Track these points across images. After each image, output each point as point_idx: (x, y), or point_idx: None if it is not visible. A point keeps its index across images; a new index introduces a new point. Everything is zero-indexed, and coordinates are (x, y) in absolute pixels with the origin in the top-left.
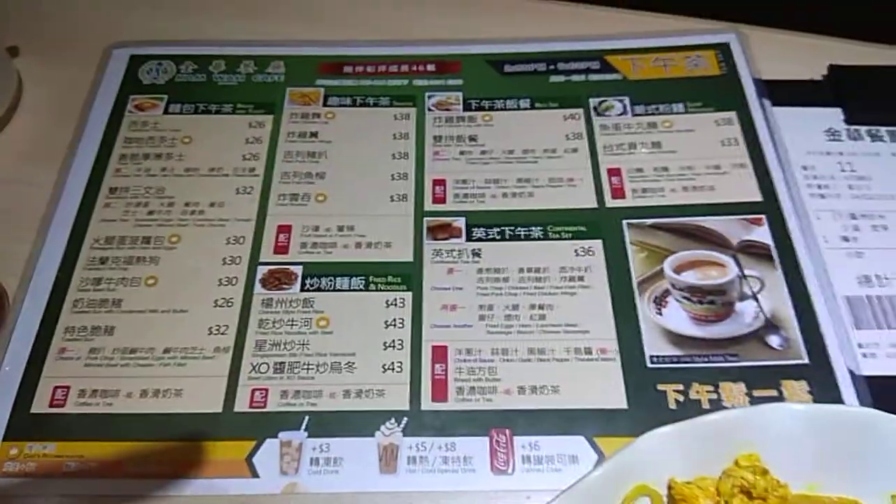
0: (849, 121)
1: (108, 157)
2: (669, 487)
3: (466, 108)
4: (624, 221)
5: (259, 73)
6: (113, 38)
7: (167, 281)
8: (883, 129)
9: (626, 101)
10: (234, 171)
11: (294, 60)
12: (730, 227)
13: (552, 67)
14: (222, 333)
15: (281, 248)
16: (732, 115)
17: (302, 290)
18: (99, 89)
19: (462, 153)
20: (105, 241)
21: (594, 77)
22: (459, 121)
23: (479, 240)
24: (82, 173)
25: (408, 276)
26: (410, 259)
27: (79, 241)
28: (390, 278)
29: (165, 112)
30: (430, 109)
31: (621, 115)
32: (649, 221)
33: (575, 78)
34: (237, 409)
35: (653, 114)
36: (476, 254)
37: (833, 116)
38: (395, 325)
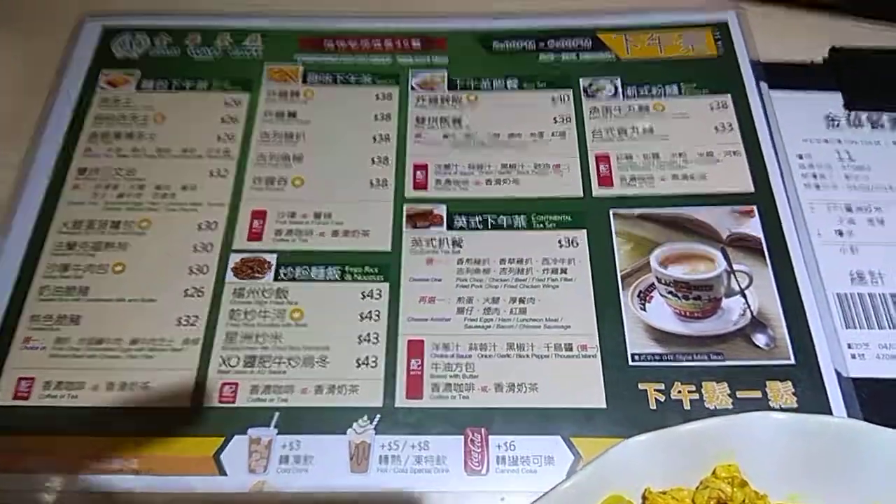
0: (849, 106)
1: (78, 136)
2: (644, 498)
3: (451, 87)
4: (611, 211)
5: (236, 48)
6: (86, 6)
7: (136, 268)
8: (885, 115)
9: (618, 82)
10: (207, 152)
11: (273, 34)
12: (720, 219)
13: (542, 45)
14: (192, 325)
15: (255, 235)
16: (728, 98)
17: (275, 279)
18: (70, 63)
19: (445, 136)
20: (73, 226)
21: (586, 56)
22: (444, 101)
23: (461, 229)
24: (50, 153)
25: (385, 267)
26: (388, 248)
27: (46, 225)
28: (367, 268)
29: (138, 88)
30: (413, 88)
31: (612, 97)
32: (637, 211)
33: (565, 57)
34: (206, 403)
35: (645, 96)
36: (457, 243)
37: (833, 101)
38: (370, 318)
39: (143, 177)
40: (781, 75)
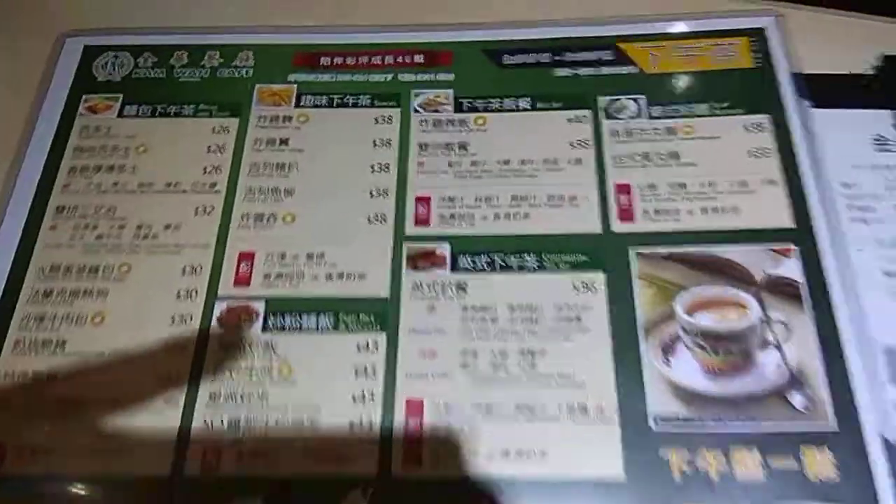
0: None
1: (57, 171)
2: None
3: (458, 108)
4: (631, 250)
5: (225, 67)
6: (67, 23)
7: (116, 319)
8: None
9: (642, 100)
10: (192, 186)
11: (265, 51)
12: (754, 259)
13: (557, 58)
14: (173, 382)
15: (242, 280)
16: (765, 119)
17: (264, 329)
18: (49, 87)
19: (450, 164)
20: (50, 271)
21: (606, 70)
22: (449, 124)
23: (466, 270)
24: (27, 190)
25: (383, 315)
26: (387, 294)
27: (22, 271)
28: (363, 316)
29: (120, 114)
30: (416, 110)
31: (635, 117)
32: (661, 251)
33: (583, 71)
34: (187, 471)
35: (672, 116)
36: (461, 288)
37: (883, 121)
38: (366, 374)
39: (124, 215)
40: (825, 90)
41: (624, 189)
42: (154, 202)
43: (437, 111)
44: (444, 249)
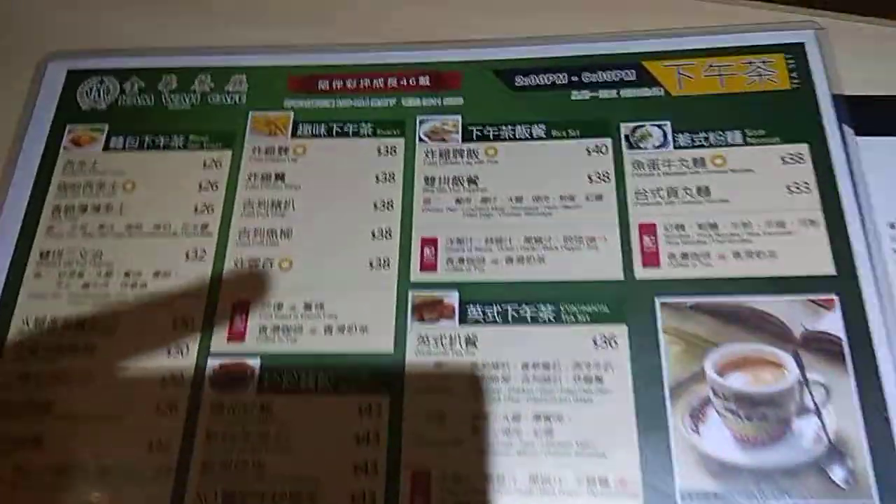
0: None
1: (41, 211)
2: None
3: (466, 137)
4: (657, 299)
5: (216, 93)
6: (49, 44)
7: (103, 378)
8: None
9: (668, 127)
10: (183, 228)
11: (259, 74)
12: (792, 312)
13: (575, 79)
14: (164, 449)
15: (236, 334)
16: (804, 148)
17: (259, 390)
18: (31, 119)
19: (459, 201)
20: (34, 325)
21: (628, 92)
22: (457, 156)
23: (476, 322)
24: (10, 232)
25: (387, 373)
26: (390, 349)
27: (5, 325)
28: (365, 375)
29: (106, 147)
30: (421, 139)
31: (660, 147)
32: (689, 300)
33: (604, 94)
34: None
35: (701, 145)
36: (471, 342)
37: None
38: (368, 442)
39: (111, 261)
40: (870, 115)
41: (649, 229)
42: (143, 246)
43: (444, 140)
44: (453, 298)
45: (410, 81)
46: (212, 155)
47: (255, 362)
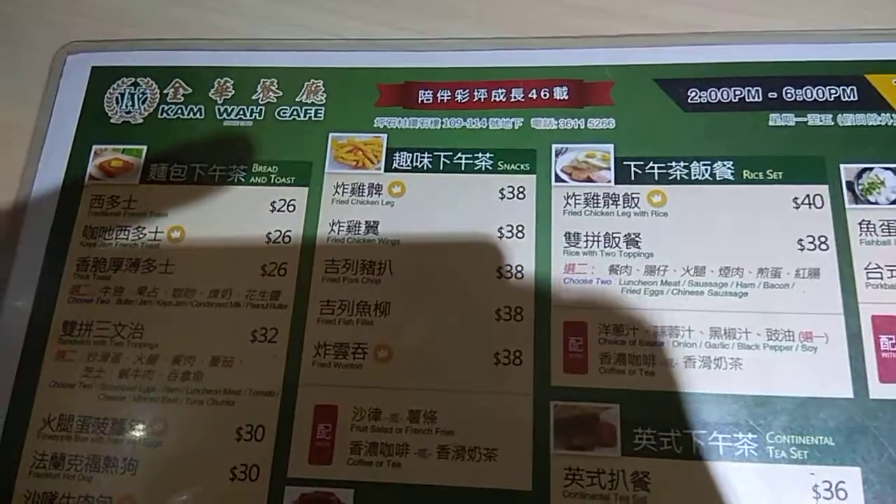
0: None
1: (62, 268)
2: None
3: (621, 176)
4: None
5: (286, 104)
6: (68, 29)
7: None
8: None
9: None
10: (248, 297)
11: (339, 77)
12: None
13: (773, 96)
14: None
15: (320, 454)
16: None
17: None
18: (46, 136)
19: (614, 270)
20: (58, 427)
21: (848, 119)
22: (610, 203)
23: (647, 453)
24: (25, 295)
25: None
26: (528, 486)
27: (22, 425)
28: None
29: (144, 179)
30: (558, 178)
31: None
32: None
33: (814, 119)
34: None
35: None
36: (640, 482)
37: None
38: None
39: (155, 341)
40: None
41: (887, 323)
42: (196, 321)
43: (590, 180)
44: (613, 415)
45: (543, 94)
46: (283, 193)
47: (346, 495)
